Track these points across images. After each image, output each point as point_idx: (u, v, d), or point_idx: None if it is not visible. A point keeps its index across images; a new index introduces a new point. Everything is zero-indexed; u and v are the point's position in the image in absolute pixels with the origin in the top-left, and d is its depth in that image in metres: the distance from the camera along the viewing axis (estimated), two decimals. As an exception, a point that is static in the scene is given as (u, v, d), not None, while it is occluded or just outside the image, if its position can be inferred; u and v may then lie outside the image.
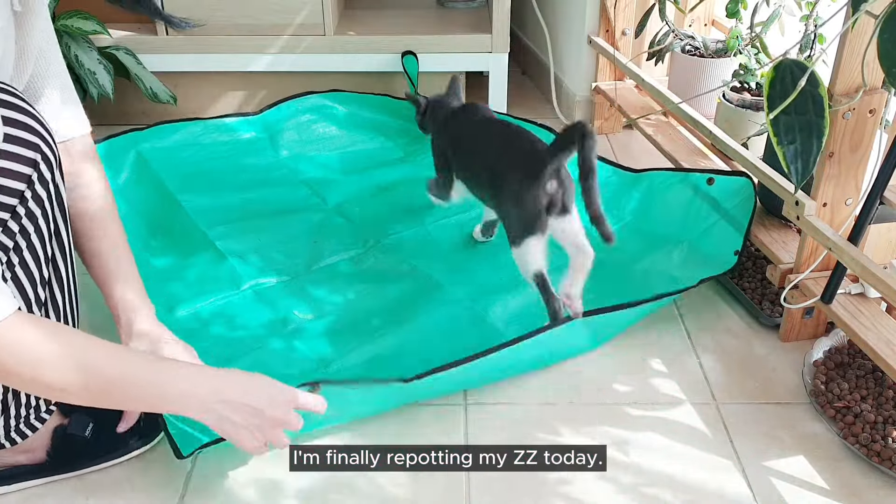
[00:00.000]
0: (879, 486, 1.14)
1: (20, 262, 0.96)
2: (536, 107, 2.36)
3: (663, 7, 1.90)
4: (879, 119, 1.26)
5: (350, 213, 1.71)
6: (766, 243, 1.48)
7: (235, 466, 1.18)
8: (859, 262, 1.19)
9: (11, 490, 1.13)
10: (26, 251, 0.96)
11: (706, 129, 1.62)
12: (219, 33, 2.02)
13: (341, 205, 1.74)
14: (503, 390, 1.31)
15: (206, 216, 1.65)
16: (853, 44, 1.20)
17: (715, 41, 2.04)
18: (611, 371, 1.35)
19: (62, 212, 1.03)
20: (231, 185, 1.78)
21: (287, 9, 2.01)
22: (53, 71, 1.08)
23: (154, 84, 2.02)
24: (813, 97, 1.08)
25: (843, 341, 1.37)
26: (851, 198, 1.31)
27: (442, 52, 2.05)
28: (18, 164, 0.93)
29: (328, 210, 1.73)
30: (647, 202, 1.65)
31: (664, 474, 1.16)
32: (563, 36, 2.25)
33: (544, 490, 1.14)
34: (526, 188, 1.24)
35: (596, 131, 2.07)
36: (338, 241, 1.62)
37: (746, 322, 1.47)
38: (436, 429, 1.24)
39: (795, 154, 1.11)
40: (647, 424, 1.25)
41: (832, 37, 1.17)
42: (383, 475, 1.16)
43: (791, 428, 1.24)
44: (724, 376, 1.34)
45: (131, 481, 1.15)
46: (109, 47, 1.97)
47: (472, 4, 2.28)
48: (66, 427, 1.15)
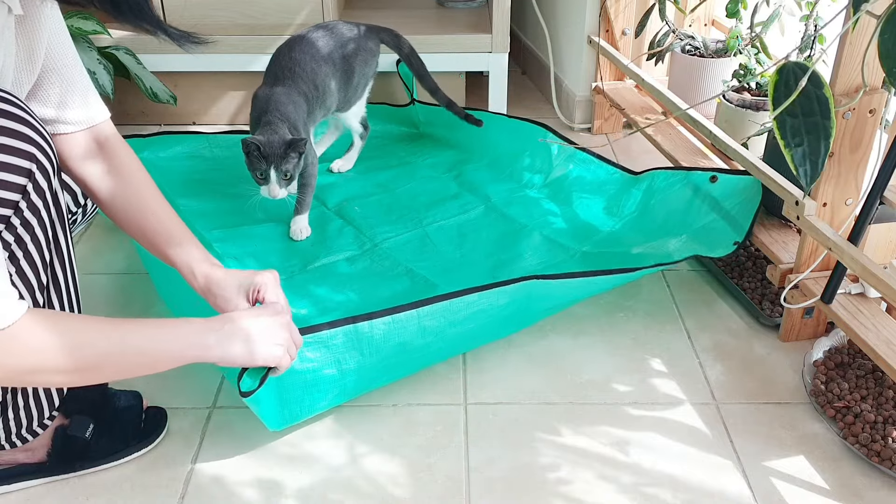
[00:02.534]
0: (879, 486, 1.14)
1: (17, 271, 0.96)
2: (536, 107, 2.37)
3: (663, 7, 1.90)
4: (879, 119, 1.26)
5: (349, 214, 1.71)
6: (766, 243, 1.48)
7: (235, 466, 1.18)
8: (859, 262, 1.19)
9: (11, 490, 1.13)
10: (23, 260, 0.96)
11: (706, 129, 1.62)
12: (219, 33, 2.02)
13: (340, 206, 1.74)
14: (503, 390, 1.31)
15: (204, 220, 1.65)
16: (853, 44, 1.20)
17: (715, 41, 2.04)
18: (611, 371, 1.35)
19: (60, 219, 1.03)
20: (230, 192, 1.78)
21: (287, 9, 2.01)
22: (71, 59, 1.08)
23: (154, 84, 2.02)
24: (818, 98, 1.08)
25: (843, 341, 1.37)
26: (851, 198, 1.31)
27: (442, 52, 2.05)
28: (12, 174, 0.92)
29: (327, 211, 1.73)
30: (647, 200, 1.65)
31: (664, 474, 1.16)
32: (563, 36, 2.25)
33: (544, 490, 1.14)
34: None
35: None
36: (335, 243, 1.62)
37: (746, 322, 1.47)
38: (436, 428, 1.24)
39: (803, 156, 1.11)
40: (647, 424, 1.25)
41: (832, 37, 1.17)
42: (383, 475, 1.16)
43: (791, 428, 1.24)
44: (724, 376, 1.34)
45: (131, 481, 1.16)
46: (109, 47, 1.97)
47: (472, 4, 2.28)
48: (67, 428, 1.15)
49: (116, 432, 1.18)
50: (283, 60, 1.67)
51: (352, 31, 1.76)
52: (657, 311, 1.49)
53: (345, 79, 1.74)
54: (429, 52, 2.03)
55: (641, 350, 1.40)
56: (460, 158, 1.92)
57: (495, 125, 1.90)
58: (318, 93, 1.68)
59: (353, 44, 1.75)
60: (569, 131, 2.22)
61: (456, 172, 1.87)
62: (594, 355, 1.39)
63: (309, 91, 1.65)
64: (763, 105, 1.77)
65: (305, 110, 1.64)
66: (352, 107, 1.81)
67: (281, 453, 1.20)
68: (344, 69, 1.73)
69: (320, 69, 1.68)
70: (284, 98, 1.60)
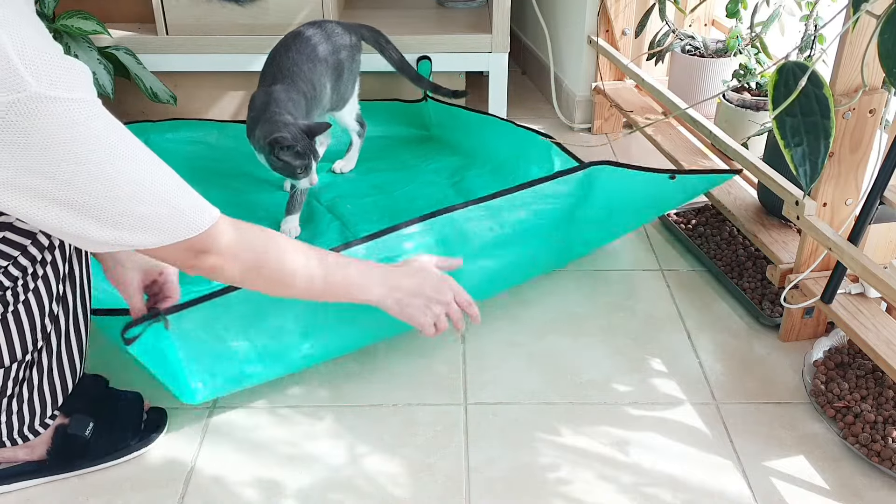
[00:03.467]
0: (879, 486, 1.14)
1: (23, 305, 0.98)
2: (536, 107, 2.36)
3: (663, 7, 1.90)
4: (879, 119, 1.26)
5: (338, 211, 1.71)
6: (766, 243, 1.48)
7: (235, 466, 1.18)
8: (859, 262, 1.19)
9: (12, 489, 1.13)
10: (31, 296, 0.98)
11: (706, 129, 1.62)
12: (219, 33, 2.02)
13: (332, 202, 1.74)
14: (503, 390, 1.31)
15: None
16: (853, 44, 1.20)
17: (715, 41, 2.04)
18: (611, 371, 1.35)
19: (79, 254, 1.04)
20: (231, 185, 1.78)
21: (287, 9, 2.01)
22: None
23: (154, 84, 2.01)
24: (818, 98, 1.08)
25: (843, 341, 1.37)
26: (851, 198, 1.31)
27: (442, 52, 2.05)
28: None
29: (319, 207, 1.73)
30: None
31: (664, 474, 1.16)
32: (563, 36, 2.25)
33: (544, 490, 1.14)
34: None
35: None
36: (322, 238, 1.62)
37: (746, 322, 1.47)
38: (436, 428, 1.24)
39: (803, 156, 1.11)
40: (647, 424, 1.25)
41: (832, 37, 1.17)
42: (383, 475, 1.16)
43: (791, 428, 1.24)
44: (724, 376, 1.34)
45: (131, 481, 1.16)
46: (109, 47, 1.97)
47: (472, 4, 2.28)
48: (67, 427, 1.15)
49: (116, 431, 1.19)
50: (279, 60, 1.67)
51: (336, 28, 1.77)
52: (657, 311, 1.49)
53: (336, 76, 1.74)
54: (429, 52, 2.03)
55: (641, 350, 1.40)
56: (463, 164, 1.92)
57: (503, 132, 1.88)
58: (316, 92, 1.68)
59: (341, 40, 1.75)
60: (569, 131, 2.22)
61: (458, 178, 1.86)
62: (594, 355, 1.39)
63: (307, 90, 1.65)
64: (763, 105, 1.77)
65: (304, 108, 1.64)
66: (346, 104, 1.81)
67: (281, 453, 1.20)
68: (335, 67, 1.73)
69: (316, 68, 1.68)
70: (284, 96, 1.60)
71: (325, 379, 1.34)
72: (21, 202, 0.82)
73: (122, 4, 2.06)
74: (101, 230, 0.85)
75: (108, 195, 0.84)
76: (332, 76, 1.73)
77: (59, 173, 0.81)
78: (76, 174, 0.81)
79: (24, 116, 0.77)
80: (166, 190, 0.90)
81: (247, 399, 1.29)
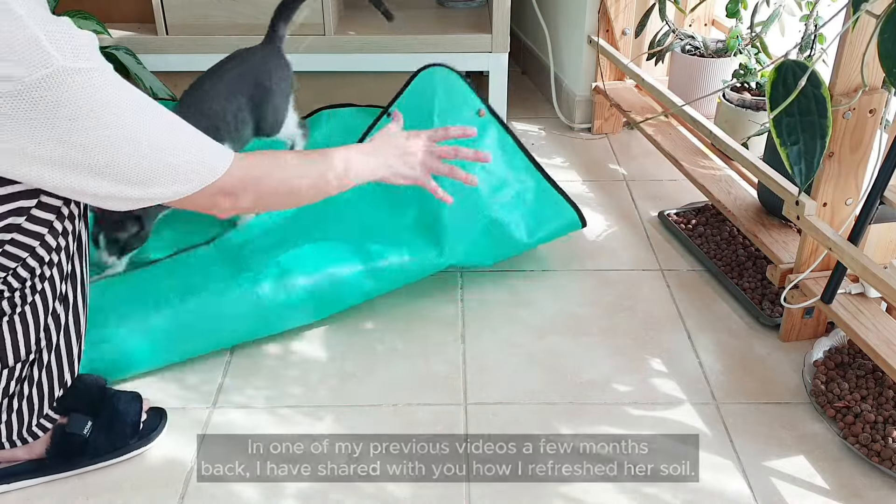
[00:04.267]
0: (879, 486, 1.14)
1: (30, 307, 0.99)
2: (536, 107, 2.36)
3: (663, 7, 1.90)
4: (879, 119, 1.26)
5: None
6: (766, 243, 1.48)
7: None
8: (859, 262, 1.19)
9: (11, 489, 1.13)
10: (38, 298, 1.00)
11: (706, 129, 1.62)
12: (218, 33, 2.02)
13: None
14: (503, 390, 1.31)
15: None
16: (853, 44, 1.20)
17: (715, 41, 2.04)
18: (611, 371, 1.35)
19: (80, 252, 1.04)
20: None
21: (287, 9, 2.01)
22: None
23: (154, 84, 2.01)
24: (815, 98, 1.08)
25: (843, 341, 1.37)
26: (851, 198, 1.31)
27: (442, 52, 2.05)
28: (40, 209, 0.94)
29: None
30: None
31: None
32: (563, 36, 2.25)
33: (544, 490, 1.14)
34: None
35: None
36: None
37: (746, 322, 1.47)
38: (436, 428, 1.24)
39: (799, 155, 1.11)
40: (647, 424, 1.25)
41: (832, 37, 1.17)
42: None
43: (791, 428, 1.24)
44: (724, 376, 1.34)
45: (131, 481, 1.15)
46: (109, 47, 1.97)
47: (472, 4, 2.28)
48: (65, 426, 1.15)
49: (115, 431, 1.18)
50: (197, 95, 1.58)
51: (256, 54, 1.64)
52: (657, 311, 1.49)
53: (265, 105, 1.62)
54: (429, 52, 2.02)
55: (641, 350, 1.40)
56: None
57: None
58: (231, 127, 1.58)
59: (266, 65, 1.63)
60: (569, 131, 2.22)
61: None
62: (594, 355, 1.39)
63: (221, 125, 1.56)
64: (763, 105, 1.77)
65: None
66: (282, 126, 1.68)
67: (281, 453, 1.20)
68: (262, 97, 1.61)
69: (230, 105, 1.57)
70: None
71: (325, 379, 1.34)
72: (54, 174, 0.86)
73: (122, 4, 2.06)
74: (133, 188, 0.90)
75: (135, 153, 0.88)
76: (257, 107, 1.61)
77: (89, 141, 0.85)
78: (105, 138, 0.86)
79: (52, 90, 0.81)
80: (187, 139, 0.94)
81: (247, 399, 1.29)
